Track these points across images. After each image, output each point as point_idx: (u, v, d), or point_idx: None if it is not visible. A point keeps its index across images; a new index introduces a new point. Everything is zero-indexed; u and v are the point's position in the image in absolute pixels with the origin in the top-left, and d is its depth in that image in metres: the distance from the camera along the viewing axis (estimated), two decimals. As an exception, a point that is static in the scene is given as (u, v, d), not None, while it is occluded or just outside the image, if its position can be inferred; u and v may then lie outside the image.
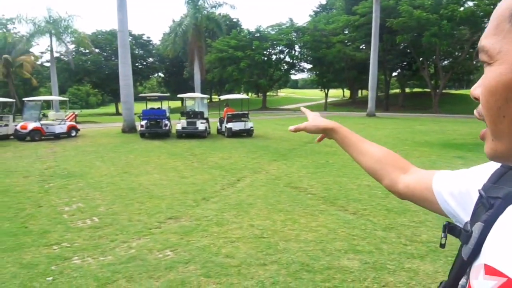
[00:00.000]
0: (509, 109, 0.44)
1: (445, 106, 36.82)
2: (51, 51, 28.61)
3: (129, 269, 3.82)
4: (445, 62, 37.63)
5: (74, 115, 16.57)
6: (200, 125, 15.25)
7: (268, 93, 55.19)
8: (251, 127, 15.57)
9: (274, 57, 43.28)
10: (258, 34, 40.64)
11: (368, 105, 29.52)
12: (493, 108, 0.45)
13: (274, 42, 40.68)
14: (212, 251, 4.26)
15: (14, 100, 16.62)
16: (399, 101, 43.17)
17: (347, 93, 64.16)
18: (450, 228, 0.66)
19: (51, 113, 16.37)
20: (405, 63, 42.12)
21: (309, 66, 45.28)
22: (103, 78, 53.76)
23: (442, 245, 0.68)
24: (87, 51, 50.99)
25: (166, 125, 15.28)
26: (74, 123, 16.31)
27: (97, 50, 52.43)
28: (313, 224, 5.14)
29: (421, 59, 36.44)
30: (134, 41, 58.00)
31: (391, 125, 21.46)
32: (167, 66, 62.44)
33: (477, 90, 0.48)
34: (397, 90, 50.15)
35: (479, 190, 0.61)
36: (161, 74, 67.42)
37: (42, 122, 15.14)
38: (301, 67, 44.59)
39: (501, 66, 0.43)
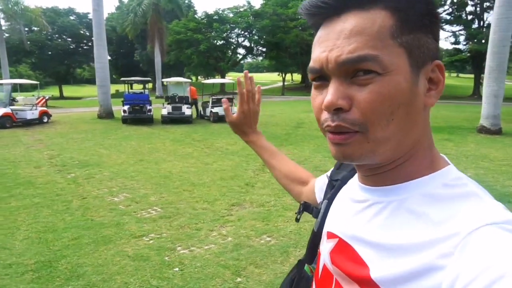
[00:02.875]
0: (398, 114, 0.50)
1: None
2: (0, 29, 26.02)
3: (247, 256, 3.87)
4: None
5: (44, 99, 15.41)
6: (186, 110, 14.94)
7: (215, 77, 54.40)
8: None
9: (233, 40, 42.83)
10: (217, 17, 39.86)
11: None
12: (386, 113, 0.49)
13: (233, 25, 40.21)
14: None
15: (-23, 83, 15.05)
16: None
17: (296, 77, 65.25)
18: (305, 206, 0.82)
19: (20, 98, 15.09)
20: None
21: (265, 50, 45.37)
22: (46, 59, 50.12)
23: (297, 220, 0.85)
24: (26, 29, 47.07)
25: (149, 110, 14.77)
26: (45, 109, 15.22)
27: (36, 29, 48.41)
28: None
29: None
30: (78, 20, 54.48)
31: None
32: (114, 48, 59.35)
33: (340, 100, 0.50)
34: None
35: (326, 175, 0.78)
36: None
37: (12, 107, 13.97)
38: (259, 51, 44.60)
39: (397, 76, 0.49)
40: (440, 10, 35.07)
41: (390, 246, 0.50)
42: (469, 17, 37.85)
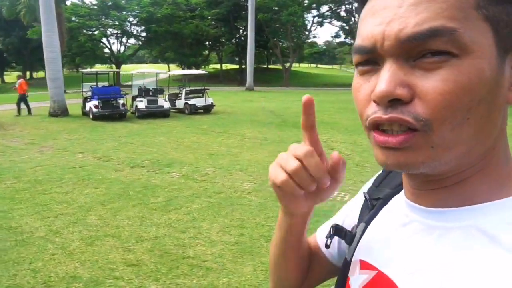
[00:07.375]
0: (477, 111, 0.37)
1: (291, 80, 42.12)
2: None
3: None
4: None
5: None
6: (164, 103, 14.09)
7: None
8: (212, 102, 15.26)
9: (132, 29, 40.17)
10: (111, 3, 36.79)
11: (247, 79, 31.41)
12: (463, 110, 0.36)
13: (132, 14, 37.75)
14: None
15: None
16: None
17: (173, 68, 64.20)
18: (337, 230, 0.60)
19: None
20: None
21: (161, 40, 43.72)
22: None
23: (327, 246, 0.60)
24: None
25: (123, 104, 13.48)
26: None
27: None
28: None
29: (272, 37, 40.51)
30: None
31: (286, 97, 23.44)
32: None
33: (399, 89, 0.37)
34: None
35: (364, 193, 0.62)
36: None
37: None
38: (155, 41, 42.67)
39: (480, 60, 0.36)
40: (323, 8, 39.24)
41: None
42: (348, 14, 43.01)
